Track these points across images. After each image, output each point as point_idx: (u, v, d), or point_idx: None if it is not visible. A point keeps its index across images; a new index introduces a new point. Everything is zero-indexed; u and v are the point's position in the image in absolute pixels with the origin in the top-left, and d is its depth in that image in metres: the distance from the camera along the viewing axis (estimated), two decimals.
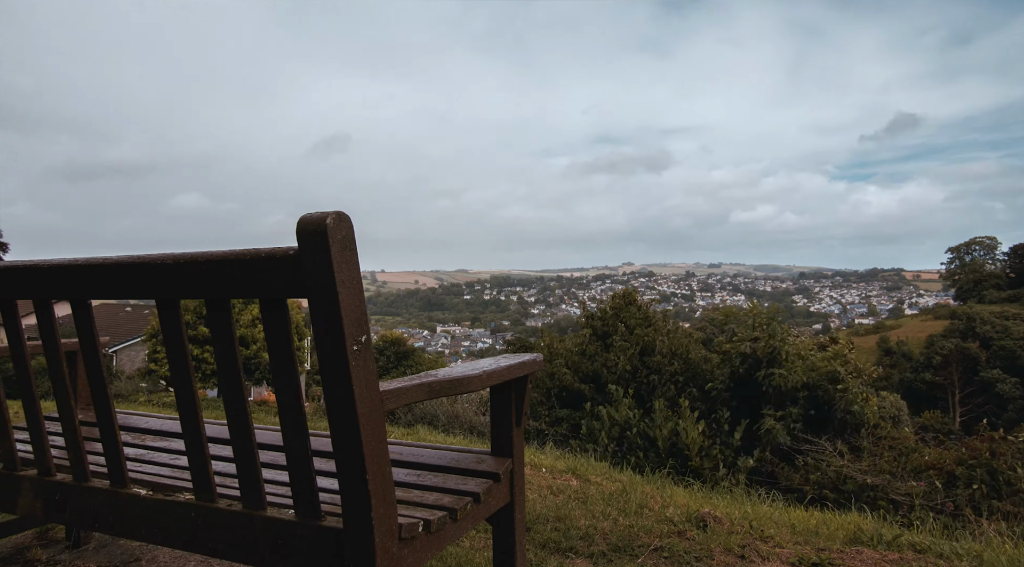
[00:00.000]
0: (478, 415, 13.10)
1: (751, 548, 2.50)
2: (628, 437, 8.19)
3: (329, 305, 1.09)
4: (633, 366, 11.52)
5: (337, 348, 1.11)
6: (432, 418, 12.47)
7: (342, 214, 1.10)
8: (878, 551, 2.51)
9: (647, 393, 10.81)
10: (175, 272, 1.26)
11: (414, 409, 13.41)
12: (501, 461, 1.72)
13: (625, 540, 2.65)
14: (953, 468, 6.68)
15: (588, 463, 4.58)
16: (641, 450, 7.97)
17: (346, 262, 1.11)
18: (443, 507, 1.44)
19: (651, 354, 11.68)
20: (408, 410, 13.40)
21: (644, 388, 11.02)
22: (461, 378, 1.44)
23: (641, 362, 11.61)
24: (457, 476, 1.65)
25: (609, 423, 8.59)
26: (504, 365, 1.62)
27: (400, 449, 1.84)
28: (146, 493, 1.48)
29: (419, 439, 5.09)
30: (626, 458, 8.01)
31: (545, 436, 10.73)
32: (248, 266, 1.18)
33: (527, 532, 2.75)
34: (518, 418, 1.75)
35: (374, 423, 1.16)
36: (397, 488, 1.58)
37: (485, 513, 1.60)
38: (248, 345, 20.65)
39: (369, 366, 1.15)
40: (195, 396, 1.35)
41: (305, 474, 1.24)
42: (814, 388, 7.90)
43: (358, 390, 1.13)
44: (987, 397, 42.36)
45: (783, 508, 3.76)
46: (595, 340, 12.72)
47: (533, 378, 1.76)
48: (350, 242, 1.12)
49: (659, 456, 7.87)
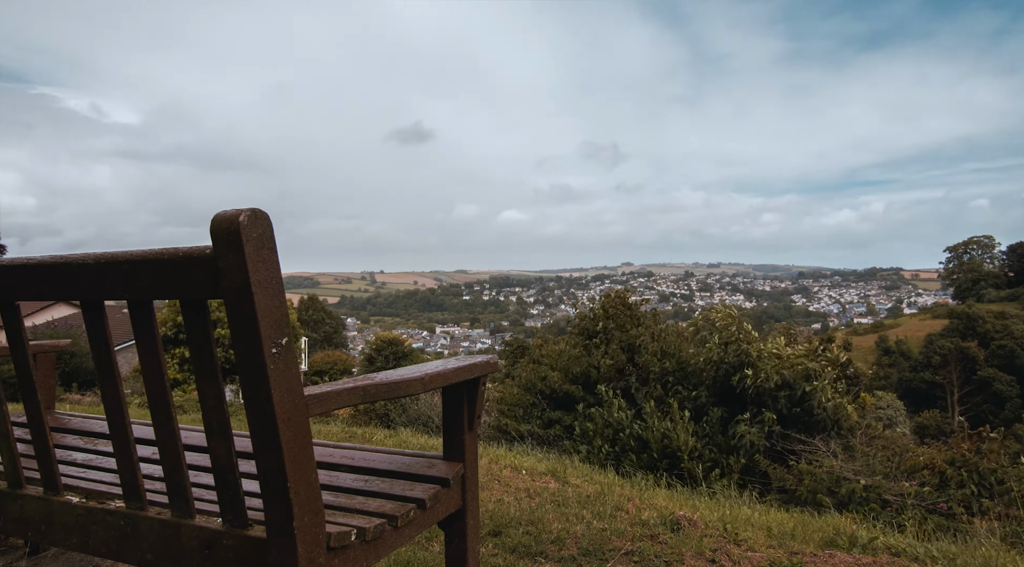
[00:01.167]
0: None
1: (722, 551, 2.46)
2: (621, 439, 8.15)
3: (244, 306, 1.05)
4: (620, 366, 11.48)
5: (254, 351, 1.07)
6: (427, 420, 12.43)
7: (258, 211, 1.06)
8: (852, 554, 2.46)
9: (636, 394, 10.76)
10: (97, 273, 1.22)
11: (408, 410, 13.36)
12: (453, 466, 1.68)
13: (596, 544, 2.60)
14: (945, 468, 6.65)
15: (571, 465, 4.54)
16: (634, 452, 7.93)
17: (263, 261, 1.06)
18: (384, 514, 1.40)
19: (640, 354, 11.63)
20: (403, 411, 13.37)
21: (633, 389, 10.97)
22: (400, 381, 1.40)
23: (630, 362, 11.57)
24: (405, 482, 1.60)
25: (602, 425, 8.55)
26: (451, 367, 1.58)
27: (352, 454, 1.80)
28: (78, 501, 1.43)
29: (400, 441, 5.04)
30: (620, 460, 7.97)
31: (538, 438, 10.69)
32: (166, 266, 1.13)
33: (497, 536, 2.71)
34: (471, 421, 1.71)
35: (296, 429, 1.12)
36: (342, 494, 1.53)
37: (433, 519, 1.56)
38: None
39: (290, 370, 1.11)
40: (122, 398, 1.31)
41: (230, 481, 1.20)
42: (793, 387, 7.85)
43: (277, 395, 1.08)
44: (985, 396, 42.34)
45: (764, 510, 3.72)
46: (586, 341, 12.68)
47: (486, 380, 1.72)
48: (267, 240, 1.07)
49: (653, 458, 7.82)
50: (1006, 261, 61.45)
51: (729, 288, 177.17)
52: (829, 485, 6.70)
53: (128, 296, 1.21)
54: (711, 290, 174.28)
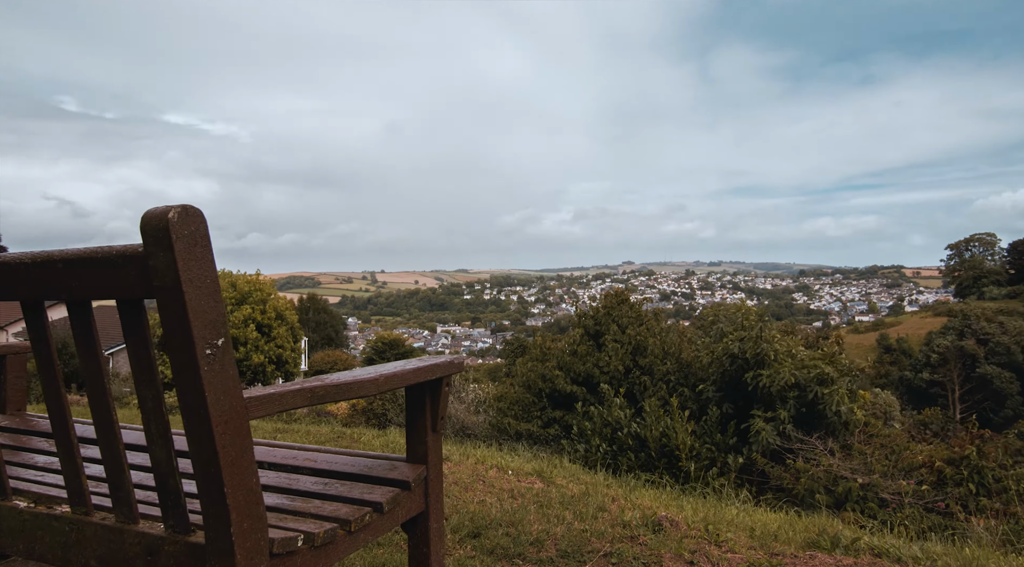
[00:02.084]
0: (470, 414, 13.02)
1: (701, 553, 2.42)
2: (619, 438, 8.10)
3: (176, 306, 1.02)
4: (626, 366, 11.44)
5: (186, 352, 1.03)
6: None
7: (189, 208, 1.03)
8: (833, 555, 2.43)
9: (639, 393, 10.73)
10: (34, 272, 1.18)
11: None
12: (415, 468, 1.64)
13: (575, 545, 2.57)
14: (943, 467, 6.61)
15: (560, 465, 4.51)
16: (632, 451, 7.89)
17: (196, 259, 1.03)
18: (337, 518, 1.36)
19: (643, 354, 11.59)
20: (401, 411, 13.31)
21: (636, 388, 10.93)
22: (352, 382, 1.36)
23: (634, 362, 11.53)
24: (365, 485, 1.57)
25: (601, 423, 8.50)
26: (410, 368, 1.54)
27: (315, 456, 1.77)
28: (26, 505, 1.40)
29: (387, 441, 5.00)
30: (618, 459, 7.93)
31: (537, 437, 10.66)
32: (100, 265, 1.10)
33: (476, 538, 2.68)
34: (434, 423, 1.67)
35: (234, 433, 1.09)
36: (299, 498, 1.50)
37: (392, 523, 1.52)
38: (238, 347, 20.51)
39: (227, 371, 1.08)
40: (64, 400, 1.28)
41: (170, 486, 1.17)
42: (803, 388, 7.81)
43: (212, 397, 1.05)
44: (986, 393, 42.23)
45: (749, 510, 3.68)
46: (587, 340, 12.62)
47: (450, 381, 1.69)
48: (201, 238, 1.04)
49: (651, 457, 7.78)
50: (1007, 258, 61.26)
51: (730, 287, 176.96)
52: (826, 484, 6.66)
53: (65, 296, 1.17)
54: (712, 289, 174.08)
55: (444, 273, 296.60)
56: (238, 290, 22.33)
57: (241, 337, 20.73)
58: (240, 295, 22.32)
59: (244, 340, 20.73)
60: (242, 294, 22.37)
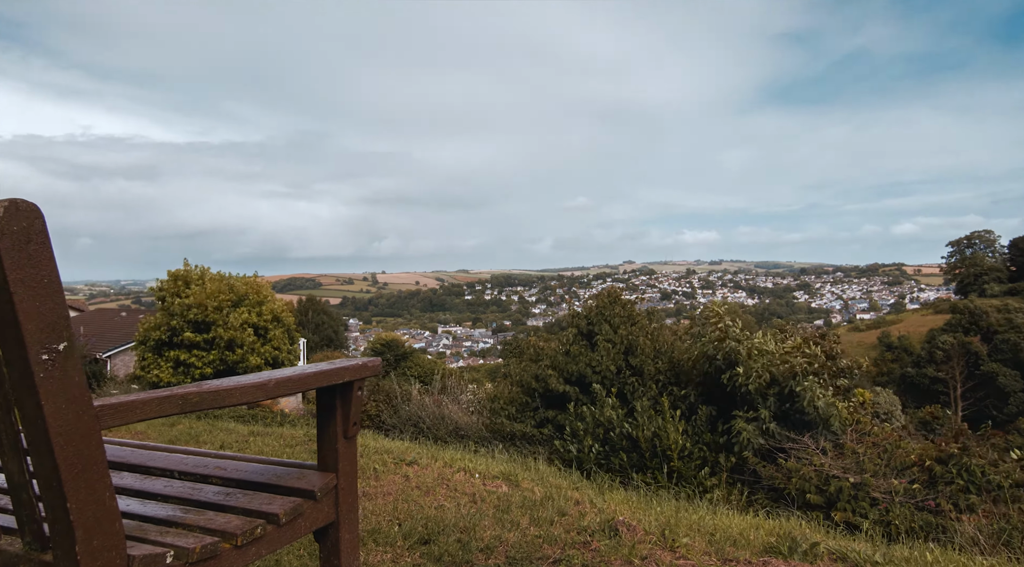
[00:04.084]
0: (466, 415, 12.92)
1: (652, 559, 2.35)
2: (612, 438, 8.02)
3: (4, 308, 0.95)
4: (617, 366, 11.36)
5: (20, 357, 0.96)
6: (417, 420, 12.30)
7: (20, 203, 0.95)
8: (789, 561, 2.35)
9: (631, 393, 10.64)
10: None
11: (400, 412, 13.23)
12: (325, 476, 1.57)
13: (526, 552, 2.50)
14: (934, 466, 6.54)
15: (531, 467, 4.43)
16: (625, 451, 7.81)
17: (28, 258, 0.96)
18: (224, 532, 1.29)
19: (634, 354, 11.51)
20: (394, 412, 13.23)
21: (628, 388, 10.85)
22: (234, 388, 1.29)
23: (625, 362, 11.44)
24: (267, 494, 1.50)
25: (593, 424, 8.42)
26: (310, 371, 1.47)
27: (226, 464, 1.69)
28: None
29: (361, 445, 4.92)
30: (610, 459, 7.84)
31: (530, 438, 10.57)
32: None
33: (426, 544, 2.61)
34: (345, 429, 1.60)
35: (80, 444, 1.01)
36: (194, 509, 1.43)
37: (292, 535, 1.45)
38: (234, 349, 20.46)
39: (70, 378, 1.00)
40: None
41: (24, 500, 1.10)
42: (781, 384, 7.72)
43: (51, 407, 0.98)
44: (988, 391, 42.05)
45: (719, 512, 3.60)
46: (580, 339, 12.54)
47: (363, 385, 1.61)
48: (36, 234, 0.97)
49: (643, 457, 7.70)
50: (1007, 255, 61.02)
51: (731, 285, 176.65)
52: (818, 483, 6.58)
53: None
54: (713, 287, 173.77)
55: (445, 274, 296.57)
56: (235, 292, 22.29)
57: (239, 339, 20.68)
58: (237, 297, 22.27)
59: (241, 342, 20.68)
60: (239, 296, 22.32)
